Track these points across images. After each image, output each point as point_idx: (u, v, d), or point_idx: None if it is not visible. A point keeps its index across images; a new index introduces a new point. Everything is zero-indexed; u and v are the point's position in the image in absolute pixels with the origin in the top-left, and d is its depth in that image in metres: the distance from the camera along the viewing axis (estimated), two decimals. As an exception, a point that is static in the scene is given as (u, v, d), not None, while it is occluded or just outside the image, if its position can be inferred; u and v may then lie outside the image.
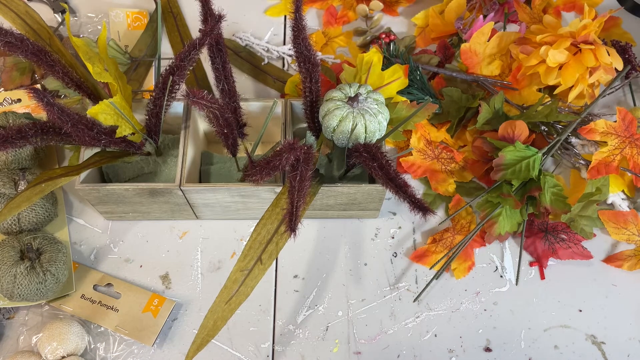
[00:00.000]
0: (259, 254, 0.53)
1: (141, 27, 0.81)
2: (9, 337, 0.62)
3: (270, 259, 0.53)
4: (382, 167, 0.53)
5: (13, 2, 0.62)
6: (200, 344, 0.50)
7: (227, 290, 0.51)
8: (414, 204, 0.53)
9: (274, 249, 0.53)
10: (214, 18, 0.56)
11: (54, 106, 0.50)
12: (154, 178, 0.66)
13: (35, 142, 0.53)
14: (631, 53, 0.74)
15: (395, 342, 0.63)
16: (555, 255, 0.66)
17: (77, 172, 0.57)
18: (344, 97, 0.57)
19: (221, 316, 0.51)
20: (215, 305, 0.51)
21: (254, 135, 0.65)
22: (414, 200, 0.53)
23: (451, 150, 0.70)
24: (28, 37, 0.55)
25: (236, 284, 0.51)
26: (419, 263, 0.66)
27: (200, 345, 0.50)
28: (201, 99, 0.50)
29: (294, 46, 0.57)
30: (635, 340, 0.63)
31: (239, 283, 0.51)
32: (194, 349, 0.50)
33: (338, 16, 0.83)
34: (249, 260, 0.52)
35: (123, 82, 0.61)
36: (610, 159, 0.66)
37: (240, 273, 0.52)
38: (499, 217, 0.66)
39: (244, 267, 0.52)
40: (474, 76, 0.72)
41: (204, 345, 0.50)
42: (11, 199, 0.53)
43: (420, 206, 0.53)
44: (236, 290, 0.51)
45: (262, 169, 0.52)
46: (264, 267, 0.52)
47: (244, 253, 0.52)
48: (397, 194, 0.53)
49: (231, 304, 0.51)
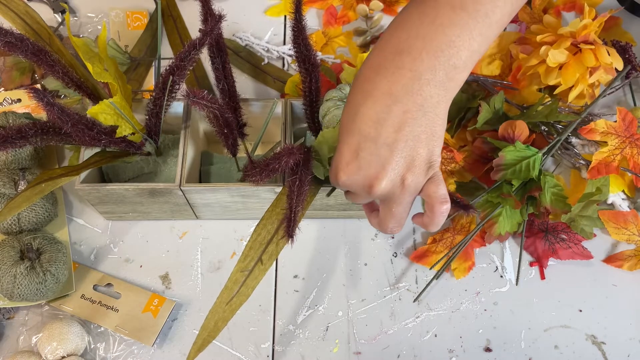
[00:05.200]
0: (259, 254, 0.53)
1: (141, 27, 0.81)
2: (9, 337, 0.62)
3: (270, 260, 0.53)
4: None
5: (13, 2, 0.62)
6: (201, 344, 0.50)
7: (228, 291, 0.51)
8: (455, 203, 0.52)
9: (274, 250, 0.53)
10: (214, 18, 0.56)
11: (54, 106, 0.50)
12: (154, 178, 0.66)
13: (35, 142, 0.53)
14: (631, 53, 0.74)
15: (395, 342, 0.63)
16: (556, 255, 0.66)
17: (77, 172, 0.57)
18: (344, 96, 0.57)
19: (222, 317, 0.50)
20: (216, 306, 0.51)
21: (253, 135, 0.65)
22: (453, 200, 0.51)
23: (451, 150, 0.70)
24: (28, 37, 0.55)
25: (237, 284, 0.51)
26: (419, 263, 0.66)
27: (202, 346, 0.50)
28: (202, 99, 0.50)
29: (294, 46, 0.57)
30: (635, 340, 0.63)
31: (240, 284, 0.51)
32: (195, 349, 0.50)
33: (338, 16, 0.83)
34: (250, 261, 0.52)
35: (123, 82, 0.61)
36: (610, 159, 0.66)
37: (240, 274, 0.52)
38: (499, 217, 0.66)
39: (245, 267, 0.52)
40: (474, 76, 0.72)
41: (205, 346, 0.50)
42: (11, 199, 0.53)
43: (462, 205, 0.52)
44: (237, 290, 0.51)
45: (262, 170, 0.52)
46: (264, 268, 0.52)
47: (244, 254, 0.52)
48: None
49: (232, 304, 0.51)
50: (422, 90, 0.44)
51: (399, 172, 0.45)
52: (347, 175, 0.47)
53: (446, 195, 0.47)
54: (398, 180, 0.46)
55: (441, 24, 0.43)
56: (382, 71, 0.45)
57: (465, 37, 0.43)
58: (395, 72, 0.44)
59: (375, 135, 0.45)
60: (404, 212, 0.49)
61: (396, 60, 0.44)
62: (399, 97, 0.44)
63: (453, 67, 0.44)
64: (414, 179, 0.46)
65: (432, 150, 0.46)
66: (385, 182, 0.45)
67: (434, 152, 0.46)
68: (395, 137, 0.44)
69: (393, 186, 0.46)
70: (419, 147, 0.45)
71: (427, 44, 0.43)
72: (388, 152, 0.45)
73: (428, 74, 0.43)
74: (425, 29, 0.44)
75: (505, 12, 0.45)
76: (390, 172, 0.45)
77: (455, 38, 0.43)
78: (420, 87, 0.44)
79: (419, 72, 0.44)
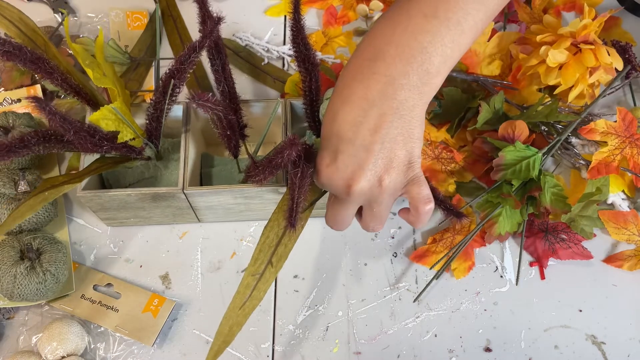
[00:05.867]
0: (269, 257, 0.53)
1: (141, 27, 0.81)
2: (9, 337, 0.62)
3: (280, 262, 0.53)
4: None
5: (7, 10, 0.62)
6: (217, 350, 0.50)
7: (240, 295, 0.51)
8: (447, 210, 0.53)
9: (283, 251, 0.53)
10: (212, 20, 0.56)
11: (56, 114, 0.50)
12: (155, 183, 0.66)
13: (38, 151, 0.53)
14: (631, 53, 0.74)
15: (395, 342, 0.63)
16: (556, 255, 0.66)
17: (80, 179, 0.57)
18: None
19: (236, 322, 0.50)
20: (229, 311, 0.51)
21: (254, 136, 0.65)
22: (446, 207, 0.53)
23: (451, 150, 0.70)
24: (24, 44, 0.55)
25: (249, 288, 0.51)
26: (419, 263, 0.66)
27: (218, 352, 0.50)
28: (206, 101, 0.50)
29: (293, 46, 0.57)
30: (635, 340, 0.63)
31: (252, 288, 0.51)
32: (211, 356, 0.50)
33: (338, 16, 0.83)
34: (260, 264, 0.52)
35: (121, 87, 0.61)
36: (610, 159, 0.66)
37: (252, 277, 0.52)
38: (499, 217, 0.66)
39: (255, 271, 0.52)
40: (474, 76, 0.72)
41: (221, 352, 0.50)
42: (15, 209, 0.54)
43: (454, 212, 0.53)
44: (249, 295, 0.51)
45: (264, 168, 0.52)
46: (275, 270, 0.52)
47: (254, 257, 0.52)
48: None
49: (245, 309, 0.51)
50: (397, 94, 0.45)
51: (377, 173, 0.47)
52: (327, 176, 0.48)
53: (429, 195, 0.49)
54: (375, 180, 0.47)
55: (413, 31, 0.45)
56: (359, 77, 0.46)
57: (437, 44, 0.45)
58: (371, 77, 0.46)
59: (353, 138, 0.46)
60: (385, 211, 0.50)
61: (371, 67, 0.46)
62: (375, 102, 0.45)
63: (426, 73, 0.45)
64: (392, 179, 0.47)
65: (410, 152, 0.47)
66: (363, 182, 0.47)
67: (413, 154, 0.47)
68: (371, 139, 0.46)
69: (371, 186, 0.47)
70: (396, 148, 0.46)
71: (400, 50, 0.45)
72: (365, 153, 0.46)
73: (402, 79, 0.45)
74: (398, 36, 0.46)
75: (479, 19, 0.47)
76: (368, 172, 0.46)
77: (427, 44, 0.45)
78: (394, 92, 0.45)
79: (393, 77, 0.45)
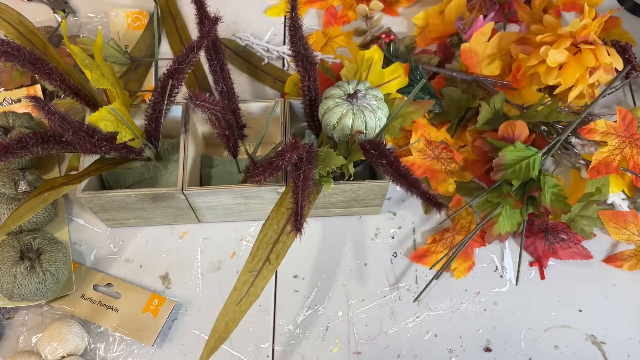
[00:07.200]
0: (267, 254, 0.53)
1: (141, 27, 0.81)
2: (9, 337, 0.62)
3: (278, 259, 0.53)
4: (392, 163, 0.52)
5: (6, 12, 0.63)
6: (213, 346, 0.50)
7: (237, 292, 0.51)
8: (428, 200, 0.52)
9: (281, 249, 0.53)
10: (210, 20, 0.56)
11: (55, 114, 0.50)
12: (154, 183, 0.66)
13: (37, 152, 0.53)
14: (631, 53, 0.74)
15: (395, 342, 0.62)
16: (556, 255, 0.66)
17: (79, 180, 0.57)
18: (343, 94, 0.57)
19: (232, 318, 0.51)
20: (226, 308, 0.51)
21: (253, 136, 0.65)
22: (427, 196, 0.52)
23: (451, 150, 0.70)
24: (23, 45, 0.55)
25: (246, 285, 0.51)
26: (419, 263, 0.66)
27: (213, 348, 0.50)
28: (204, 101, 0.50)
29: (291, 45, 0.57)
30: (635, 340, 0.63)
31: (249, 284, 0.52)
32: (207, 352, 0.50)
33: (338, 16, 0.83)
34: (257, 261, 0.52)
35: (120, 88, 0.61)
36: (610, 159, 0.66)
37: (249, 274, 0.52)
38: (499, 217, 0.66)
39: (253, 268, 0.52)
40: (474, 76, 0.72)
41: (217, 348, 0.50)
42: (15, 210, 0.54)
43: (434, 202, 0.52)
44: (246, 291, 0.51)
45: (264, 169, 0.52)
46: (272, 268, 0.52)
47: (251, 254, 0.52)
48: (409, 190, 0.53)
49: (242, 305, 0.51)
50: None
51: None
52: None
53: None
54: None
55: None
56: None
57: None
58: None
59: None
60: None
61: None
62: None
63: None
64: None
65: None
66: None
67: None
68: None
69: None
70: None
71: None
72: None
73: None
74: None
75: None
76: None
77: None
78: None
79: None
